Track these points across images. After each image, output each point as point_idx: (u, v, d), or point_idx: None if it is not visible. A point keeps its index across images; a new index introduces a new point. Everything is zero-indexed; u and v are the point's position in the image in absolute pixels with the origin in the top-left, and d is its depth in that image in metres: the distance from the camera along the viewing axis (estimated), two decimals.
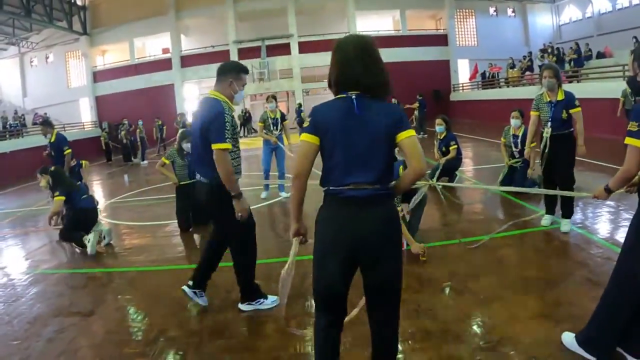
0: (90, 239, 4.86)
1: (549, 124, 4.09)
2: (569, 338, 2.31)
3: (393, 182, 1.85)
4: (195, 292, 3.12)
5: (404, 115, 1.83)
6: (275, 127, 6.61)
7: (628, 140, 2.02)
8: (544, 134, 4.15)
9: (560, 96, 4.04)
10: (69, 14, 22.50)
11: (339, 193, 1.76)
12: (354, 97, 1.77)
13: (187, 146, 5.52)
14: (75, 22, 23.03)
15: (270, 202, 6.72)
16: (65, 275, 4.38)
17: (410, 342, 2.55)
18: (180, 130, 5.90)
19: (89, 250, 4.83)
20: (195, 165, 3.06)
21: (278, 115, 6.63)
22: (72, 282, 4.17)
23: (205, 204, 2.97)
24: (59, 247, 5.36)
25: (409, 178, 1.84)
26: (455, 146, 6.71)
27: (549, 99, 4.10)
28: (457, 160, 6.87)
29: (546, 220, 4.43)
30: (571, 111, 4.02)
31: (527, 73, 19.54)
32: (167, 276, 4.05)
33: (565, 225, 4.18)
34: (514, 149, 6.01)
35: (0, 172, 14.39)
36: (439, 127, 6.89)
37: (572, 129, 4.11)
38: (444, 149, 6.81)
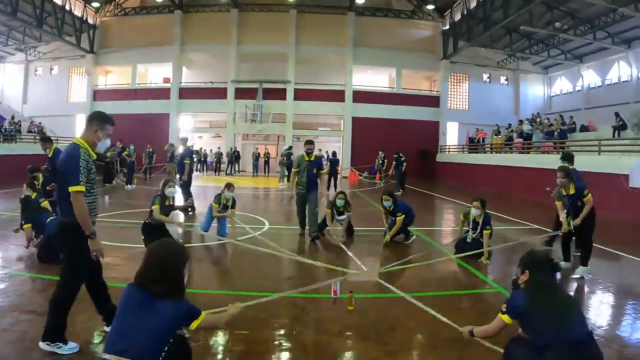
0: None
1: (571, 212, 5.36)
2: None
3: None
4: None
5: (190, 310, 2.26)
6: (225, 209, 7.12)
7: (499, 314, 2.58)
8: (569, 222, 5.35)
9: (572, 190, 5.31)
10: (79, 30, 23.27)
11: None
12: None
13: (169, 191, 5.97)
14: (83, 39, 23.79)
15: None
16: (29, 278, 4.80)
17: None
18: (163, 180, 6.23)
19: None
20: (57, 202, 3.22)
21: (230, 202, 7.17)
22: (34, 285, 4.57)
23: (58, 240, 3.17)
24: (30, 252, 5.66)
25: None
26: (402, 216, 7.13)
27: (565, 193, 5.38)
28: (410, 218, 7.36)
29: (563, 264, 5.43)
30: (584, 199, 5.25)
31: (516, 140, 19.97)
32: (119, 292, 4.29)
33: (580, 270, 5.23)
34: (471, 233, 6.44)
35: None
36: (386, 202, 7.30)
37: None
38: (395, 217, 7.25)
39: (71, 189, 2.90)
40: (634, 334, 3.76)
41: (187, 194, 9.20)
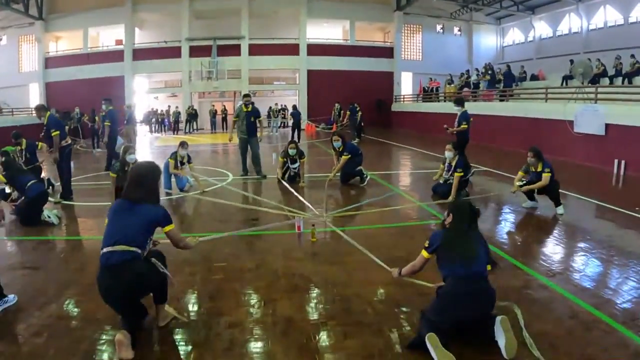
0: (49, 215, 5.63)
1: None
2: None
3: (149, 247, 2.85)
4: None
5: (165, 214, 2.89)
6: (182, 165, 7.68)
7: (422, 251, 3.00)
8: (517, 186, 6.15)
9: (540, 168, 5.94)
10: None
11: (102, 259, 2.66)
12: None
13: (130, 157, 6.33)
14: (31, 5, 22.97)
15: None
16: (18, 241, 5.20)
17: (279, 293, 3.57)
18: (124, 145, 6.77)
19: (55, 222, 5.62)
20: None
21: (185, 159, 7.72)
22: (24, 246, 4.98)
23: None
24: (14, 218, 5.93)
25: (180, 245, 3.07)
26: (348, 157, 7.76)
27: (533, 170, 6.02)
28: (359, 158, 7.99)
29: (527, 203, 6.24)
30: (542, 175, 5.89)
31: (465, 89, 20.75)
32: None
33: (559, 209, 5.89)
34: (444, 174, 7.02)
35: None
36: (336, 142, 7.98)
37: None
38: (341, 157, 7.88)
39: None
40: (562, 250, 4.66)
41: (114, 155, 9.36)
